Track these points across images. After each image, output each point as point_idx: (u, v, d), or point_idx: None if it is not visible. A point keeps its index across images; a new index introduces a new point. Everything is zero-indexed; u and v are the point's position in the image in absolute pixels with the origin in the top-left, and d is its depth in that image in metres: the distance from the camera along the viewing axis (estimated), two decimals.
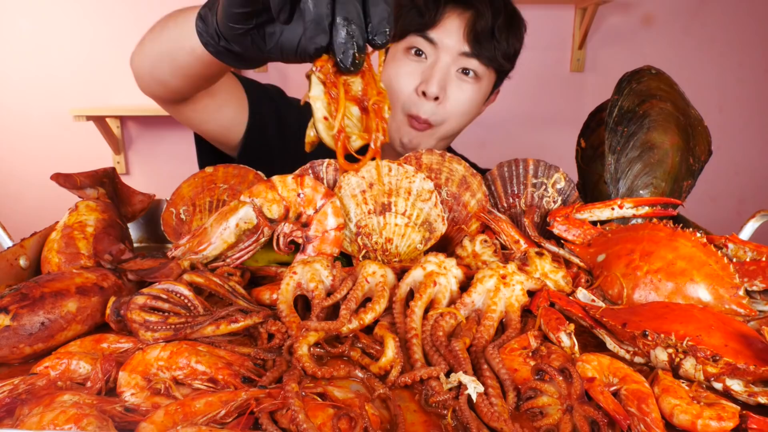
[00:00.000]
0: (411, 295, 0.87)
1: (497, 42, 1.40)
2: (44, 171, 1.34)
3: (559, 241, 1.06)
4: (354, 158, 0.73)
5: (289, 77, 3.02)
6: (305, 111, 0.73)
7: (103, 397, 0.66)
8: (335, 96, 0.70)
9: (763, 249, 0.94)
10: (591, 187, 1.25)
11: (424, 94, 1.40)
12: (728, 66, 3.16)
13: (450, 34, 1.39)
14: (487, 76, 1.46)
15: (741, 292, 0.86)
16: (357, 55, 0.65)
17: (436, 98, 1.40)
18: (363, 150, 0.74)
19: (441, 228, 1.06)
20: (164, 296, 0.81)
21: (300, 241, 1.01)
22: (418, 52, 1.42)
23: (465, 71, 1.41)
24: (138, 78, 1.15)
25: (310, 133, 0.73)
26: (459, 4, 1.39)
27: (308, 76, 0.70)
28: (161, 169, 3.31)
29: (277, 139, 1.47)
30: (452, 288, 0.88)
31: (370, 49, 0.68)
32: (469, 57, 1.40)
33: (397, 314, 0.82)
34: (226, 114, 1.35)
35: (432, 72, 1.39)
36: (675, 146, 1.13)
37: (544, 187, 1.15)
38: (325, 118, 0.70)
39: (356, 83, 0.71)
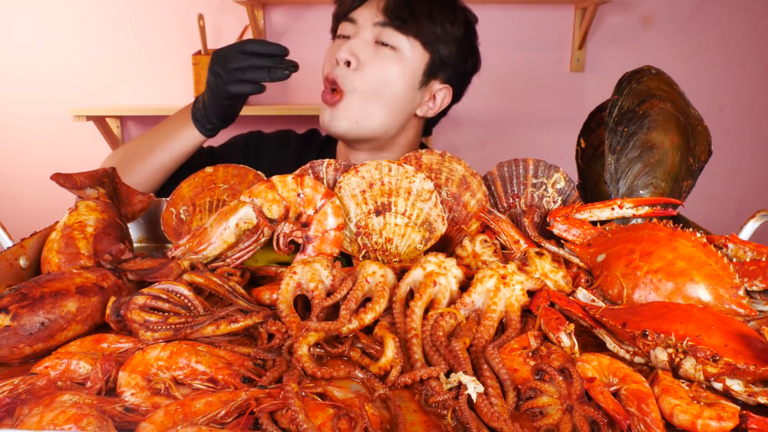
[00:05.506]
0: (411, 295, 0.87)
1: (418, 15, 1.40)
2: (44, 171, 1.34)
3: (559, 241, 1.06)
4: None
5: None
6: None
7: (103, 397, 0.66)
8: None
9: (763, 249, 0.94)
10: (591, 187, 1.25)
11: (337, 63, 1.40)
12: (728, 66, 3.16)
13: (369, 9, 1.42)
14: (413, 53, 1.42)
15: (741, 292, 0.86)
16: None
17: (348, 63, 1.39)
18: None
19: (441, 228, 1.06)
20: (164, 296, 0.81)
21: (300, 241, 1.01)
22: (344, 36, 1.44)
23: (383, 44, 1.41)
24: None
25: None
26: None
27: None
28: None
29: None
30: (452, 288, 0.88)
31: None
32: (385, 27, 1.40)
33: (397, 314, 0.82)
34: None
35: (348, 43, 1.41)
36: (675, 146, 1.13)
37: (544, 187, 1.15)
38: None
39: None
